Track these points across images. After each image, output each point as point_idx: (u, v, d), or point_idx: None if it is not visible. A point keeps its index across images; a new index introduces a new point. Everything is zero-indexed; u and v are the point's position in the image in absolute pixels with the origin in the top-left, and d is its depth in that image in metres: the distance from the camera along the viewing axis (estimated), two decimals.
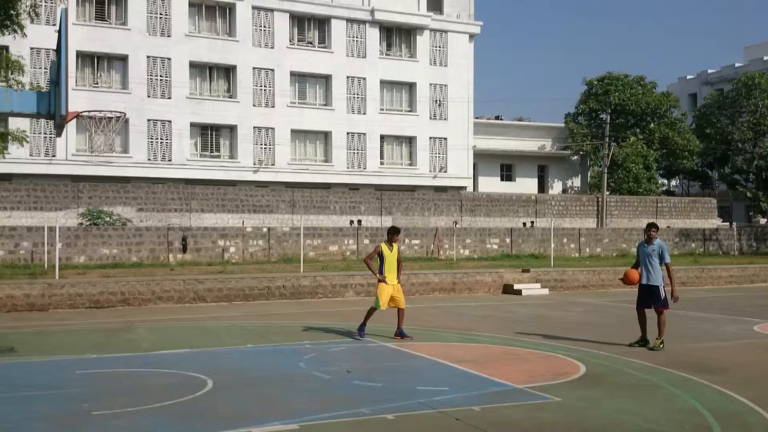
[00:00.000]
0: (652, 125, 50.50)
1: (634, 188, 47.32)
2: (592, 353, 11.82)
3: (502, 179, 49.13)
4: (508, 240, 34.15)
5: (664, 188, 58.45)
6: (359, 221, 35.43)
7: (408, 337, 13.27)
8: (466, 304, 20.23)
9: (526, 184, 48.73)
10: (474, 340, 13.35)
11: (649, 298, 12.40)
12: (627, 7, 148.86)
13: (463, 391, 9.08)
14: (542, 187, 50.17)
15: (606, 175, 43.85)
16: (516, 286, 23.53)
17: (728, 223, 46.13)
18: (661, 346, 12.16)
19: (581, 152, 49.90)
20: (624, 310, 18.62)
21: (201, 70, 38.94)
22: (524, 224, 38.75)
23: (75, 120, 10.37)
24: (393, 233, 13.35)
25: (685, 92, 65.55)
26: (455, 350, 12.27)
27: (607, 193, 44.01)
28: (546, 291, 23.84)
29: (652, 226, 12.54)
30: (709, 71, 65.55)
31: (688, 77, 68.08)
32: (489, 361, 11.26)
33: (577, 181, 51.83)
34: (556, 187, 50.75)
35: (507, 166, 49.65)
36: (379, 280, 13.20)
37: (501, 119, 53.87)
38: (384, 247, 13.17)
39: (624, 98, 49.38)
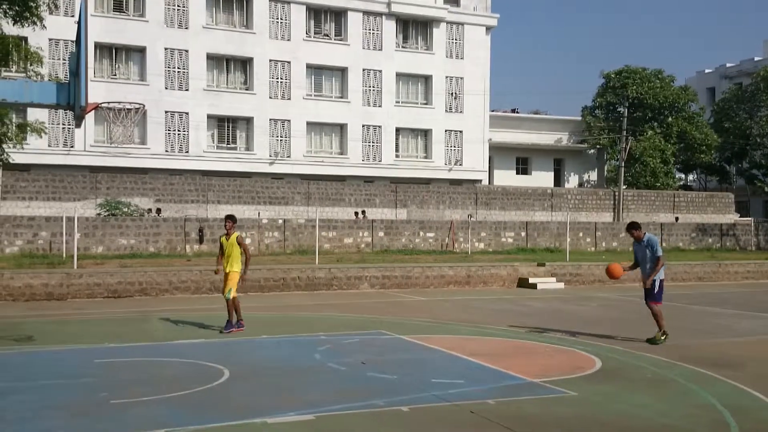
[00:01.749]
0: (669, 119, 50.10)
1: (651, 182, 47.02)
2: (608, 348, 11.79)
3: (517, 173, 48.98)
4: (523, 233, 34.05)
5: (682, 183, 58.02)
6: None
7: (240, 329, 13.07)
8: (481, 298, 20.22)
9: (542, 178, 48.56)
10: (489, 334, 13.34)
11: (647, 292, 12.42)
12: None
13: (477, 384, 9.09)
14: (558, 181, 49.97)
15: (623, 169, 43.60)
16: (531, 280, 23.49)
17: (742, 217, 45.75)
18: (663, 338, 12.10)
19: (598, 146, 49.63)
20: (640, 305, 18.53)
21: (218, 62, 39.06)
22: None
23: (94, 111, 10.43)
24: (225, 220, 13.37)
25: (704, 86, 64.91)
26: (470, 343, 12.27)
27: (624, 187, 43.77)
28: (561, 285, 23.77)
29: (631, 227, 12.46)
30: (728, 65, 64.87)
31: (707, 71, 67.41)
32: (504, 354, 11.25)
33: (593, 175, 51.57)
34: (572, 181, 50.53)
35: (523, 160, 49.48)
36: (216, 272, 13.48)
37: (517, 112, 53.67)
38: (222, 239, 13.26)
39: (642, 92, 48.99)
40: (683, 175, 60.18)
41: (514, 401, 8.23)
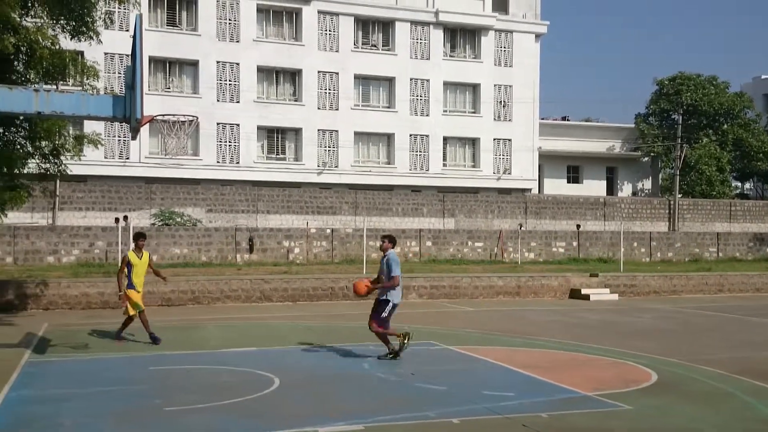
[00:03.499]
0: (725, 126, 48.93)
1: (707, 191, 45.94)
2: (664, 360, 11.51)
3: (568, 181, 48.31)
4: (575, 243, 33.57)
5: (738, 191, 56.56)
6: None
7: (158, 341, 12.88)
8: (532, 309, 19.97)
9: (594, 187, 47.81)
10: (540, 346, 13.15)
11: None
12: (699, 5, 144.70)
13: (529, 396, 8.96)
14: (611, 190, 49.14)
15: (678, 177, 42.70)
16: (584, 291, 23.09)
17: None
18: (391, 357, 11.41)
19: (652, 154, 48.69)
20: (697, 317, 18.09)
21: (268, 74, 39.53)
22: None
23: (149, 124, 10.65)
24: (137, 239, 13.11)
25: (760, 92, 63.25)
26: (521, 355, 12.12)
27: (679, 195, 42.84)
28: (615, 296, 23.31)
29: (384, 238, 11.77)
30: None
31: (763, 77, 65.72)
32: (556, 367, 11.08)
33: (647, 184, 50.59)
34: (625, 190, 49.65)
35: (574, 168, 48.80)
36: (120, 296, 13.14)
37: (568, 120, 53.01)
38: (132, 256, 12.98)
39: (696, 98, 47.97)
40: (740, 184, 58.68)
41: (568, 415, 8.08)
